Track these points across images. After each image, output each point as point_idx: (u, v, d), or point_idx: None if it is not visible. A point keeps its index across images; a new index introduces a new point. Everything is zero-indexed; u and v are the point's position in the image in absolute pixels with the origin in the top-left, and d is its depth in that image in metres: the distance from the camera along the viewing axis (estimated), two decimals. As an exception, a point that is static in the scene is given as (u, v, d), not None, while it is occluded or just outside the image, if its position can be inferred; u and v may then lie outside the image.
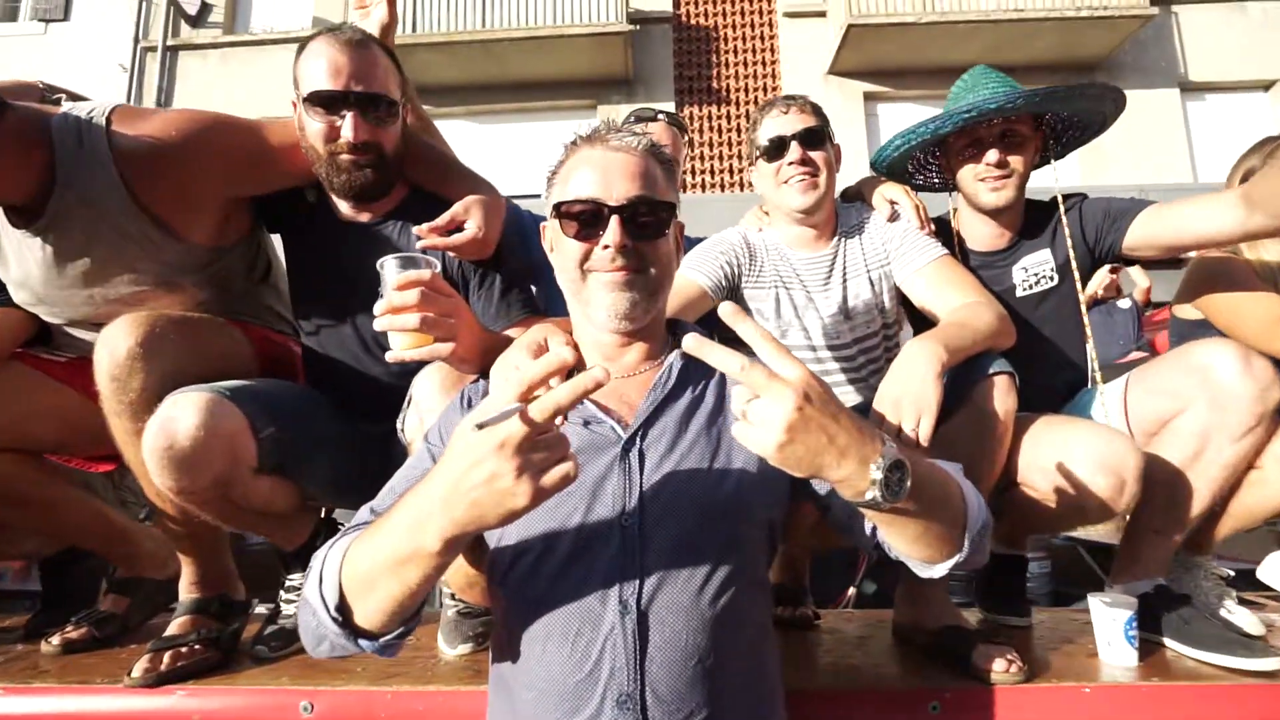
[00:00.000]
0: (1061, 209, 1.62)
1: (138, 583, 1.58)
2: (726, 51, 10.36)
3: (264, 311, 1.64)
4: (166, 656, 1.24)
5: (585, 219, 0.95)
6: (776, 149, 1.57)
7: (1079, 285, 1.60)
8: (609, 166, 0.97)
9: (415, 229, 1.32)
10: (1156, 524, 1.38)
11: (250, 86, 10.05)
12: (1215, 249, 1.67)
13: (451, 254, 1.39)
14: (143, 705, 1.19)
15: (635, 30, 9.61)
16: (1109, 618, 1.26)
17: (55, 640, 1.42)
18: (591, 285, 0.97)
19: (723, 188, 9.84)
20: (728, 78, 10.24)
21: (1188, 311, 1.76)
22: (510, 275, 1.48)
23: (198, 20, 10.64)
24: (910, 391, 1.17)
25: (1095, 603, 1.29)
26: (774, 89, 10.11)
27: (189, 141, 1.30)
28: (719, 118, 10.06)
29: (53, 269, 1.32)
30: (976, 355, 1.30)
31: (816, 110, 1.61)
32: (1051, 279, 1.65)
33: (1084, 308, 1.61)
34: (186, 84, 10.42)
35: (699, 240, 1.79)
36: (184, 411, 1.15)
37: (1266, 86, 9.96)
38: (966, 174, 1.61)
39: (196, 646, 1.29)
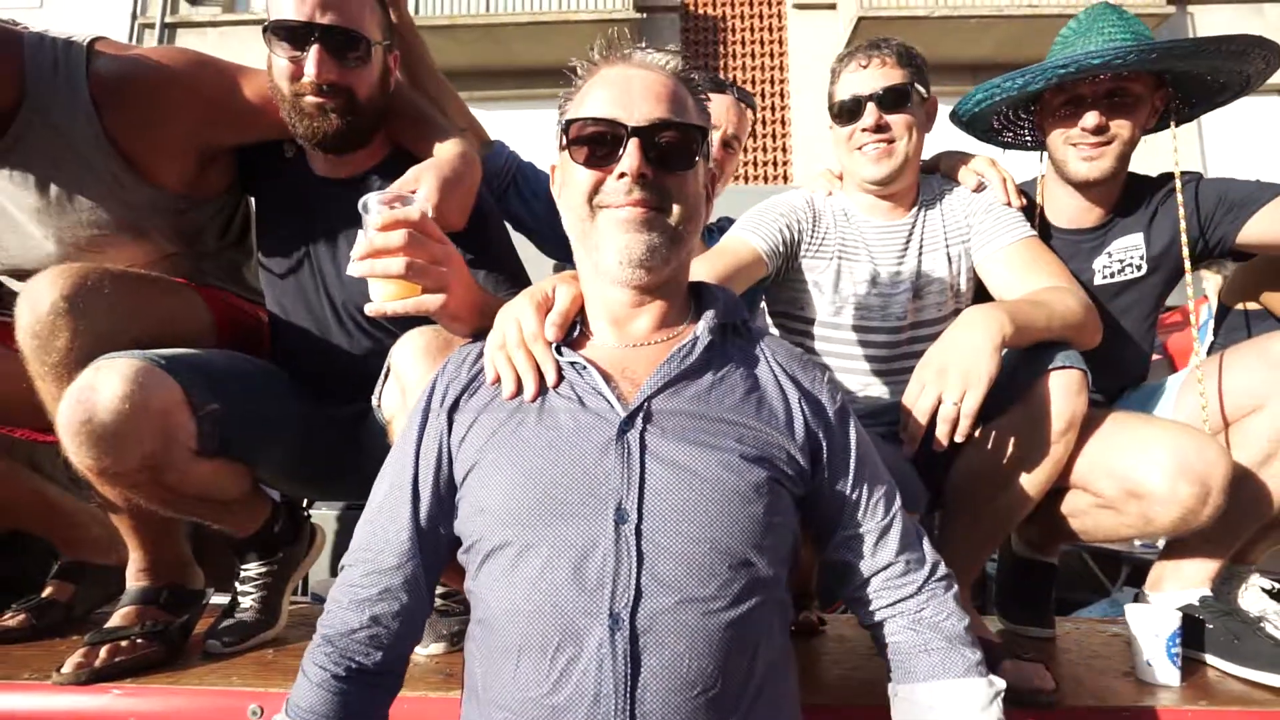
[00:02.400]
0: (1179, 188, 1.34)
1: (83, 568, 1.46)
2: (734, 42, 10.22)
3: (236, 276, 1.52)
4: (103, 651, 1.12)
5: (599, 143, 0.81)
6: (850, 111, 1.37)
7: (1189, 270, 1.32)
8: (630, 84, 0.83)
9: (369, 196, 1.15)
10: (1211, 531, 1.19)
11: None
12: None
13: None
14: (72, 704, 1.07)
15: (642, 19, 9.50)
16: (1150, 632, 1.14)
17: (-10, 629, 1.30)
18: (601, 224, 0.83)
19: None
20: (735, 69, 10.09)
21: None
22: (495, 249, 1.35)
23: (197, -2, 10.51)
24: (960, 360, 1.04)
25: (1134, 615, 1.17)
26: (781, 81, 9.98)
27: (164, 75, 1.20)
28: (725, 109, 9.95)
29: (5, 198, 1.21)
30: (1048, 344, 1.14)
31: (905, 59, 1.37)
32: (1138, 269, 1.43)
33: (1192, 303, 1.30)
34: (185, 63, 10.31)
35: (728, 220, 1.64)
36: (107, 380, 1.02)
37: (1281, 90, 9.84)
38: (1057, 137, 1.39)
39: (139, 640, 1.17)
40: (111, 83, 1.18)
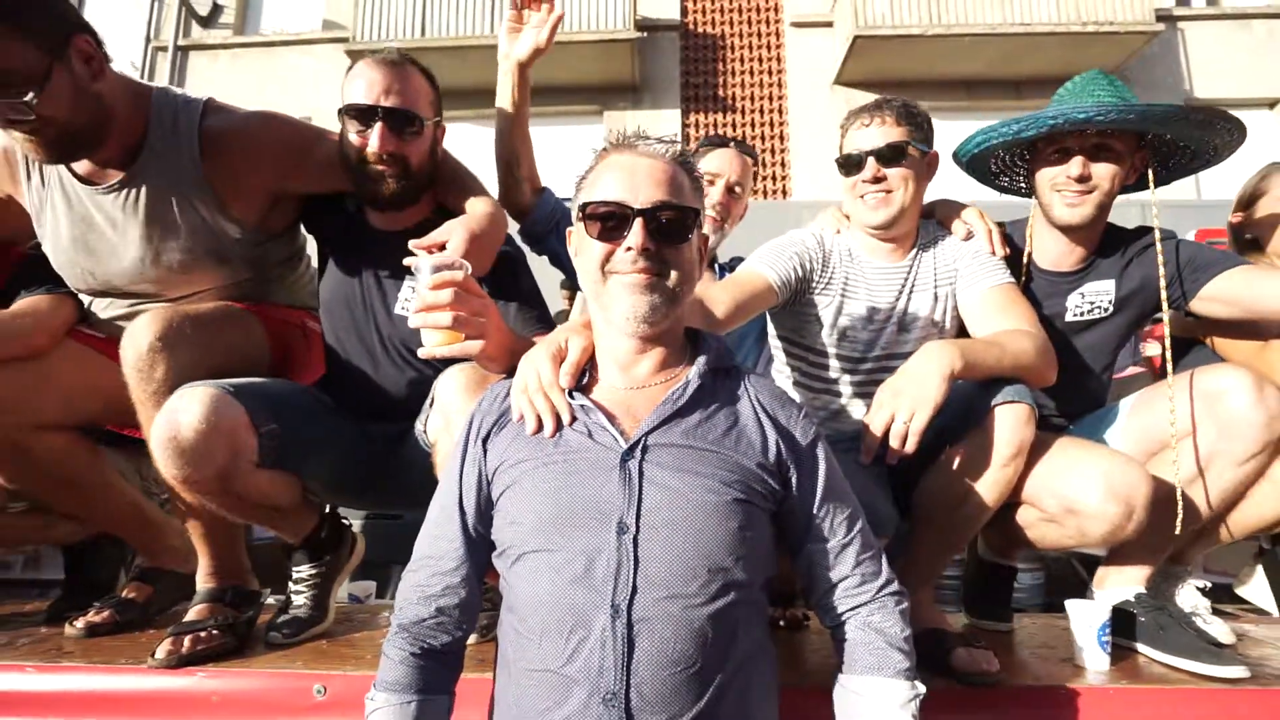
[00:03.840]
0: (1158, 241, 1.49)
1: (160, 573, 1.66)
2: (733, 60, 10.42)
3: (291, 291, 1.76)
4: (187, 640, 1.31)
5: (609, 221, 0.98)
6: (855, 164, 1.52)
7: (1167, 325, 1.47)
8: (636, 171, 0.99)
9: (411, 242, 1.33)
10: (1146, 539, 1.37)
11: (259, 87, 10.14)
12: None
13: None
14: (165, 685, 1.26)
15: (643, 37, 9.68)
16: (1084, 624, 1.32)
17: (79, 624, 1.49)
18: (612, 287, 0.99)
19: (727, 195, 9.88)
20: (734, 86, 10.30)
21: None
22: (524, 293, 1.55)
23: (209, 21, 10.74)
24: (912, 386, 1.21)
25: (1072, 609, 1.35)
26: (780, 98, 10.19)
27: (255, 133, 1.47)
28: (724, 125, 10.13)
29: (116, 226, 1.44)
30: (1005, 380, 1.29)
31: (905, 117, 1.51)
32: (1105, 310, 1.59)
33: (1169, 355, 1.40)
34: (196, 84, 10.53)
35: (739, 260, 1.78)
36: (189, 405, 1.23)
37: (1271, 104, 10.00)
38: (1044, 181, 1.53)
39: (214, 631, 1.36)
40: (215, 136, 1.44)
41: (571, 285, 3.14)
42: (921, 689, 0.96)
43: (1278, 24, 9.99)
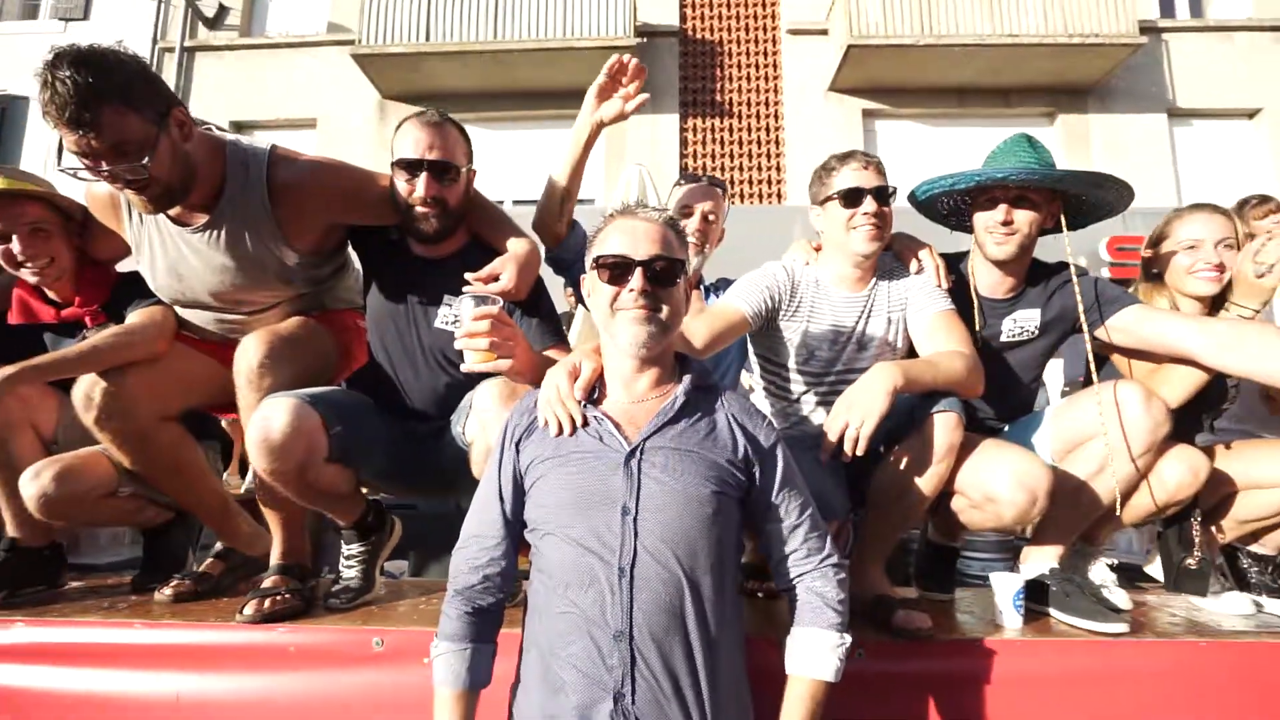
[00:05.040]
0: (1075, 279, 1.81)
1: (232, 553, 1.96)
2: (730, 66, 10.64)
3: (341, 295, 2.06)
4: (267, 601, 1.60)
5: (616, 269, 1.24)
6: (854, 197, 1.74)
7: (1089, 345, 1.77)
8: (636, 231, 1.25)
9: (467, 274, 1.66)
10: (1060, 522, 1.69)
11: (264, 88, 10.39)
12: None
13: None
14: (251, 638, 1.54)
15: (642, 43, 9.90)
16: (1002, 591, 1.61)
17: (167, 591, 1.77)
18: (618, 320, 1.25)
19: (723, 198, 10.11)
20: (731, 92, 10.53)
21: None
22: (544, 312, 1.84)
23: (214, 23, 10.91)
24: (862, 400, 1.49)
25: (993, 579, 1.64)
26: (776, 104, 10.44)
27: (316, 179, 1.73)
28: (721, 130, 10.37)
29: (202, 258, 1.72)
30: (941, 392, 1.55)
31: (884, 170, 1.80)
32: (1032, 333, 1.89)
33: (1093, 368, 1.74)
34: (202, 85, 10.71)
35: (730, 281, 2.03)
36: (277, 412, 1.52)
37: (1251, 114, 10.28)
38: (979, 224, 1.85)
39: (287, 595, 1.65)
40: (282, 184, 1.69)
41: (574, 290, 3.49)
42: (849, 639, 1.22)
43: (1259, 36, 10.27)
